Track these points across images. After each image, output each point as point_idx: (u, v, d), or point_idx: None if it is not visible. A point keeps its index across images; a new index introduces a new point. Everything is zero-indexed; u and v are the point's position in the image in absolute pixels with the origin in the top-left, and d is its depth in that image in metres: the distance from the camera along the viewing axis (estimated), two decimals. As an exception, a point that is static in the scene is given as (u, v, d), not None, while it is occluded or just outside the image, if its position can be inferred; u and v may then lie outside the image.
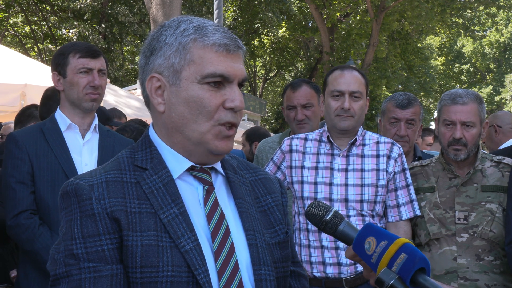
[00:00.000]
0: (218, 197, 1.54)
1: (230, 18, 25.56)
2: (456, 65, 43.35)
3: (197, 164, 1.54)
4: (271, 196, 1.67)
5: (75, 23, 18.02)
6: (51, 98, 3.96)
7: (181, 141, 1.51)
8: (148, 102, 1.56)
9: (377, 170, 2.98)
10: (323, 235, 2.90)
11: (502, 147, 4.46)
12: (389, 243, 1.34)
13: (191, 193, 1.52)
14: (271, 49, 29.22)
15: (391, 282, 1.30)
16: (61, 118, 2.99)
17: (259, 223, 1.57)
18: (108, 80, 3.39)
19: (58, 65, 2.97)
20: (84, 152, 2.97)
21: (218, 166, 1.59)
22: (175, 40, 1.49)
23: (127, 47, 22.75)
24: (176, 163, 1.52)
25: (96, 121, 3.05)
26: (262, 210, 1.62)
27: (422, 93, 32.43)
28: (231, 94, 1.48)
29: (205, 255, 1.44)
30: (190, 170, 1.53)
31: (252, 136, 6.61)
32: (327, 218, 1.45)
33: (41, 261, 2.78)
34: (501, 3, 24.23)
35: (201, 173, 1.54)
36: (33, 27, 21.62)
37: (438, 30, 28.13)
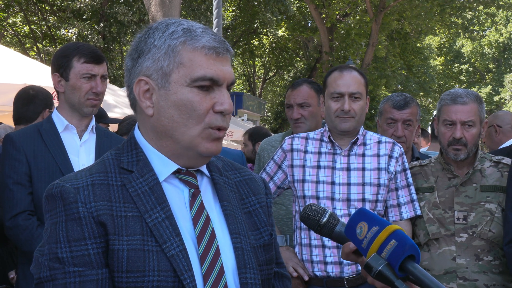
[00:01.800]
0: (204, 199, 1.53)
1: (229, 18, 25.54)
2: (456, 65, 43.32)
3: (184, 167, 1.53)
4: (256, 197, 1.66)
5: (75, 22, 18.00)
6: (37, 97, 3.96)
7: (170, 145, 1.50)
8: (134, 105, 1.54)
9: (379, 169, 2.98)
10: None
11: (502, 147, 4.45)
12: (380, 229, 1.34)
13: (177, 196, 1.51)
14: (270, 49, 29.22)
15: (380, 268, 1.30)
16: (58, 119, 2.98)
17: (244, 226, 1.57)
18: (107, 80, 3.36)
19: (61, 67, 2.94)
20: (81, 152, 2.97)
21: (203, 168, 1.58)
22: (164, 42, 1.47)
23: (126, 47, 22.72)
24: (162, 166, 1.51)
25: (93, 122, 3.05)
26: (247, 212, 1.61)
27: (421, 93, 32.43)
28: (220, 97, 1.47)
29: (191, 260, 1.44)
30: (176, 173, 1.52)
31: (256, 136, 6.62)
32: (323, 221, 1.45)
33: None
34: (501, 3, 24.20)
35: (187, 176, 1.53)
36: (32, 27, 21.60)
37: (437, 30, 28.12)
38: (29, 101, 3.97)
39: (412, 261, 1.31)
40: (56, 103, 3.14)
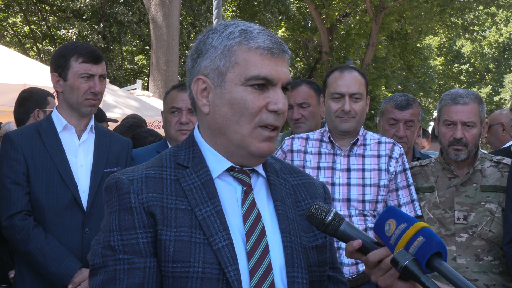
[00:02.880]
0: (257, 198, 1.56)
1: (229, 18, 25.55)
2: (455, 65, 43.30)
3: (238, 165, 1.56)
4: (313, 200, 1.67)
5: (75, 22, 18.01)
6: (28, 99, 3.99)
7: (224, 143, 1.54)
8: (194, 103, 1.59)
9: (379, 170, 2.98)
10: None
11: (503, 147, 4.44)
12: (408, 226, 1.37)
13: (229, 193, 1.55)
14: (270, 49, 29.14)
15: (406, 262, 1.33)
16: (58, 118, 2.97)
17: (297, 226, 1.58)
18: (107, 80, 3.36)
19: (59, 67, 2.93)
20: (79, 152, 2.96)
21: (259, 168, 1.61)
22: (221, 43, 1.52)
23: (126, 47, 22.73)
24: (216, 163, 1.56)
25: (92, 122, 3.04)
26: (302, 214, 1.63)
27: (421, 93, 32.41)
28: (274, 96, 1.51)
29: (238, 255, 1.46)
30: (230, 170, 1.56)
31: None
32: (328, 220, 1.46)
33: (34, 262, 2.78)
34: (501, 3, 24.17)
35: (240, 174, 1.56)
36: (32, 27, 21.60)
37: (437, 30, 28.11)
38: (20, 104, 4.03)
39: (439, 258, 1.33)
40: (57, 102, 3.14)
